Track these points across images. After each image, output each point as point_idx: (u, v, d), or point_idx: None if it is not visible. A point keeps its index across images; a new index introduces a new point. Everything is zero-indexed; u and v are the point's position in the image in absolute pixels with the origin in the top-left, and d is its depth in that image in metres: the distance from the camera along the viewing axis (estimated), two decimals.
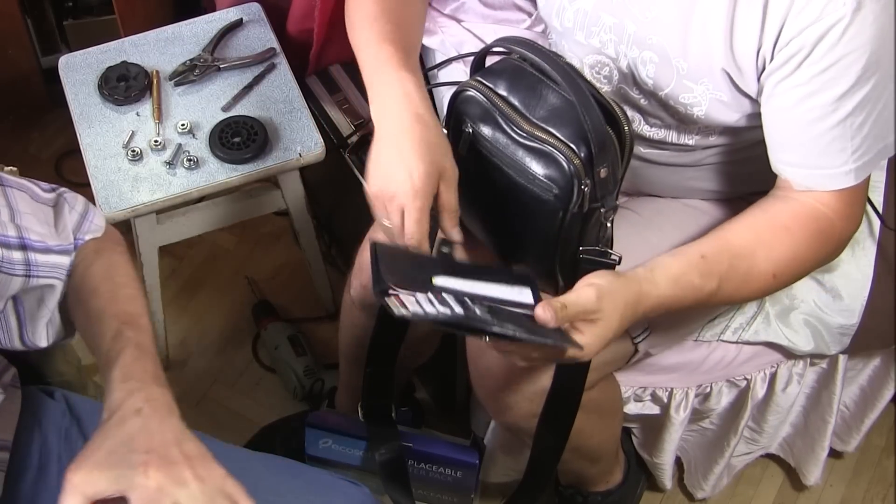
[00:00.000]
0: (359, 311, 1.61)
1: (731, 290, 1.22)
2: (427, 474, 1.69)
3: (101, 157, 1.72)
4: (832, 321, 1.58)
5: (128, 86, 1.78)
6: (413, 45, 1.34)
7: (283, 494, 1.32)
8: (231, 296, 2.19)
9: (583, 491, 1.80)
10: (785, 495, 1.99)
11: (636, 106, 1.35)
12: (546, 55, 1.19)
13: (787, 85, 1.18)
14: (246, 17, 1.89)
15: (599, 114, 1.16)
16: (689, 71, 1.25)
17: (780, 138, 1.23)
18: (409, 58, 1.28)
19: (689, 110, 1.28)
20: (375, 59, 1.29)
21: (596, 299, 1.12)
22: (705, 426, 1.77)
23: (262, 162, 1.72)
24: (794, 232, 1.23)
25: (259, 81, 1.81)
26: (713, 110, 1.27)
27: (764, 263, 1.22)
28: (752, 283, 1.24)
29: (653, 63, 1.27)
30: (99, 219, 1.26)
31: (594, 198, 1.19)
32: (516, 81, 1.23)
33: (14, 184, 1.20)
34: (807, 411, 1.81)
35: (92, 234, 1.23)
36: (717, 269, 1.20)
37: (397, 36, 1.30)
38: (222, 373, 2.09)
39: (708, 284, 1.20)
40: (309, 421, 1.70)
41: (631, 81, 1.32)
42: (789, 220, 1.23)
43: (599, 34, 1.31)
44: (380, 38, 1.29)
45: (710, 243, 1.22)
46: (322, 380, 2.00)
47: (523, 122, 1.20)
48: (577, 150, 1.17)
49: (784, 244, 1.23)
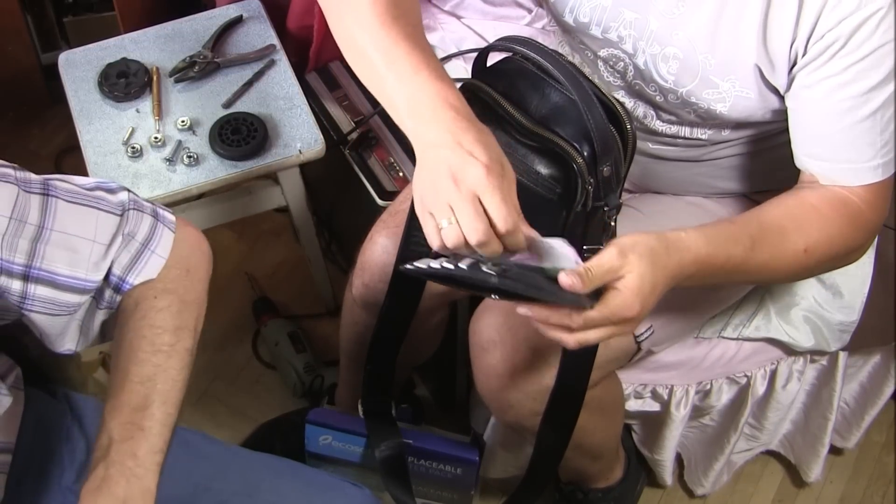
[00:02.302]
0: (360, 309, 1.61)
1: (765, 255, 1.19)
2: (427, 471, 1.69)
3: (101, 154, 1.72)
4: (832, 318, 1.58)
5: (128, 82, 1.78)
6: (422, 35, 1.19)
7: (284, 495, 1.32)
8: (231, 292, 2.19)
9: (583, 487, 1.80)
10: (785, 492, 1.99)
11: (651, 102, 1.35)
12: (548, 54, 1.19)
13: (818, 76, 1.17)
14: (246, 14, 1.89)
15: (602, 112, 1.16)
16: (715, 66, 1.23)
17: (807, 131, 1.22)
18: (427, 55, 1.13)
19: (712, 106, 1.27)
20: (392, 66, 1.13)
21: (618, 255, 1.08)
22: (706, 423, 1.77)
23: (262, 159, 1.72)
24: (824, 211, 1.21)
25: (259, 78, 1.81)
26: (737, 106, 1.26)
27: (795, 235, 1.20)
28: (787, 254, 1.20)
29: (676, 59, 1.26)
30: (162, 249, 1.15)
31: (598, 196, 1.19)
32: (518, 81, 1.22)
33: (64, 194, 1.10)
34: (807, 408, 1.81)
35: (144, 276, 1.14)
36: (748, 230, 1.18)
37: (407, 29, 1.15)
38: (222, 369, 2.09)
39: (740, 244, 1.16)
40: (309, 418, 1.70)
41: (648, 78, 1.31)
42: (818, 201, 1.21)
43: (618, 29, 1.30)
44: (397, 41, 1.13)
45: (739, 217, 1.21)
46: (322, 376, 2.00)
47: (526, 122, 1.20)
48: (581, 149, 1.16)
49: (813, 221, 1.21)
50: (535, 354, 1.37)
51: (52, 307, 1.11)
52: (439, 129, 1.07)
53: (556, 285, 1.05)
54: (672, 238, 1.13)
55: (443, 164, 1.06)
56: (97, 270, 1.11)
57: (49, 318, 1.12)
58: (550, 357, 1.36)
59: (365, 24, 1.14)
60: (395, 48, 1.12)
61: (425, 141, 1.08)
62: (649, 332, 1.42)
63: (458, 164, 1.05)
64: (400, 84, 1.11)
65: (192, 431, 1.39)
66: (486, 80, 1.24)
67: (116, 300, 1.15)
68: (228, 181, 1.72)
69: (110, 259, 1.12)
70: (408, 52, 1.11)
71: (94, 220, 1.11)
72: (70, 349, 1.17)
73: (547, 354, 1.36)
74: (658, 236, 1.12)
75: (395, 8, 1.15)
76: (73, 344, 1.17)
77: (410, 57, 1.11)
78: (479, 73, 1.26)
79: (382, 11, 1.14)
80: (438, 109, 1.08)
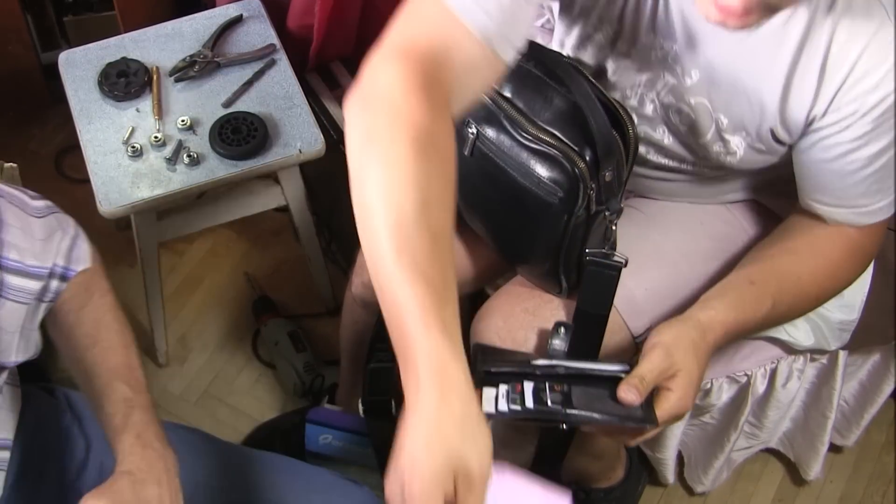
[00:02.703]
0: (360, 308, 1.60)
1: (783, 309, 1.24)
2: None
3: (102, 154, 1.72)
4: (832, 317, 1.58)
5: (128, 82, 1.78)
6: (448, 277, 0.96)
7: (284, 493, 1.32)
8: (231, 292, 2.19)
9: (585, 487, 1.80)
10: (785, 490, 1.99)
11: (657, 145, 1.33)
12: (550, 57, 1.19)
13: (829, 142, 1.17)
14: (246, 13, 1.89)
15: (604, 116, 1.16)
16: (728, 125, 1.23)
17: (814, 182, 1.23)
18: (442, 304, 0.93)
19: (721, 158, 1.27)
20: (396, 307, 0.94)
21: (665, 356, 1.13)
22: (706, 421, 1.77)
23: (262, 158, 1.72)
24: (834, 257, 1.25)
25: (259, 77, 1.81)
26: (748, 157, 1.26)
27: (809, 286, 1.25)
28: (801, 305, 1.27)
29: (688, 115, 1.25)
30: (87, 245, 1.26)
31: (599, 201, 1.19)
32: (521, 83, 1.22)
33: (5, 194, 1.19)
34: (807, 406, 1.81)
35: (82, 264, 1.24)
36: (768, 290, 1.21)
37: (433, 263, 0.94)
38: (222, 369, 2.09)
39: (763, 305, 1.21)
40: (309, 417, 1.70)
41: (658, 122, 1.30)
42: (826, 244, 1.25)
43: (624, 90, 1.28)
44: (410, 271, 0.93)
45: (755, 268, 1.24)
46: (322, 376, 2.00)
47: (528, 125, 1.19)
48: (583, 154, 1.16)
49: (825, 269, 1.25)
50: None
51: (26, 296, 1.17)
52: (407, 397, 0.93)
53: (615, 403, 1.11)
54: (705, 321, 1.17)
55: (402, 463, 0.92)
56: (49, 257, 1.20)
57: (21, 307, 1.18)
58: None
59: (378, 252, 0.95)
60: (402, 289, 0.93)
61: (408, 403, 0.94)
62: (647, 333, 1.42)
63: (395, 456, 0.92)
64: (399, 333, 0.94)
65: (191, 429, 1.39)
66: None
67: (62, 289, 1.22)
68: (228, 181, 1.72)
69: (54, 247, 1.21)
70: (413, 295, 0.92)
71: (29, 212, 1.21)
72: (18, 360, 1.20)
73: None
74: (694, 324, 1.16)
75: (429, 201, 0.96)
76: (19, 354, 1.21)
77: (414, 303, 0.92)
78: None
79: (397, 237, 0.94)
80: (426, 381, 0.91)
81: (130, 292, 2.16)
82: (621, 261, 1.24)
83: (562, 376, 1.14)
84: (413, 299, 0.91)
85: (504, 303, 1.41)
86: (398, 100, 0.99)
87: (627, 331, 1.39)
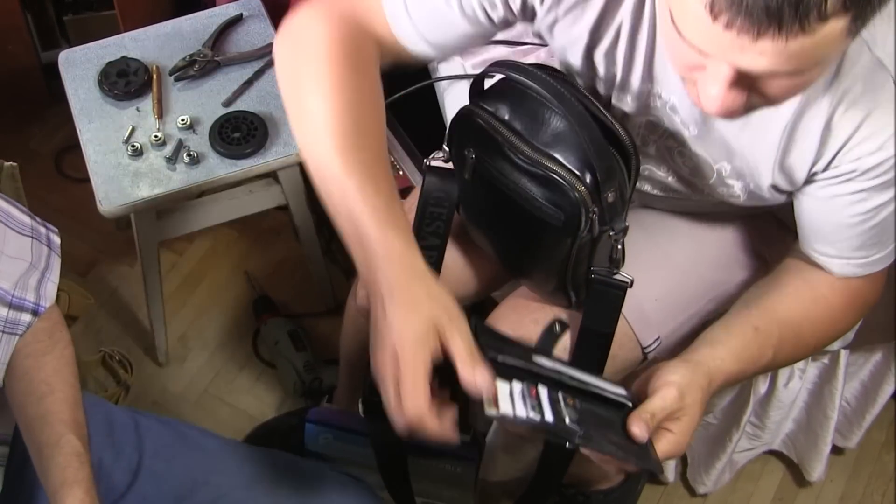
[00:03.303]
0: (364, 319, 1.59)
1: (781, 359, 1.25)
2: (426, 469, 1.69)
3: (102, 153, 1.72)
4: None
5: (128, 81, 1.78)
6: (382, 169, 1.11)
7: (282, 489, 1.32)
8: (231, 291, 2.19)
9: (584, 490, 1.79)
10: (785, 490, 1.99)
11: (661, 183, 1.32)
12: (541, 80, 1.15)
13: (829, 192, 1.16)
14: (246, 13, 1.89)
15: (601, 138, 1.13)
16: (731, 172, 1.22)
17: (814, 232, 1.23)
18: (389, 206, 1.08)
19: (727, 199, 1.27)
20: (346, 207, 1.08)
21: (678, 397, 1.12)
22: (709, 420, 1.77)
23: (262, 157, 1.72)
24: (834, 305, 1.25)
25: (259, 76, 1.81)
26: (750, 200, 1.25)
27: (809, 336, 1.25)
28: (799, 352, 1.28)
29: (690, 160, 1.24)
30: (54, 283, 1.26)
31: (603, 221, 1.17)
32: (519, 105, 1.19)
33: (1, 215, 1.19)
34: (809, 407, 1.81)
35: (49, 301, 1.24)
36: (770, 341, 1.22)
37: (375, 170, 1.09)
38: (222, 368, 2.09)
39: (765, 356, 1.21)
40: (309, 416, 1.70)
41: (661, 163, 1.28)
42: (828, 291, 1.25)
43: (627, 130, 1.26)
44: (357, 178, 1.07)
45: (759, 314, 1.23)
46: (320, 378, 2.00)
47: (527, 149, 1.17)
48: (582, 177, 1.14)
49: (825, 316, 1.26)
50: None
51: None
52: (371, 289, 1.06)
53: (622, 433, 1.10)
54: (713, 369, 1.17)
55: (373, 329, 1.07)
56: (25, 289, 1.20)
57: None
58: None
59: (321, 145, 1.10)
60: (348, 181, 1.07)
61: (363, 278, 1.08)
62: (657, 343, 1.41)
63: (377, 341, 1.06)
64: (348, 222, 1.07)
65: (190, 426, 1.39)
66: (484, 104, 1.21)
67: (33, 323, 1.23)
68: (229, 180, 1.72)
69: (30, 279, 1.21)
70: (364, 197, 1.06)
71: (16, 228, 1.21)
72: None
73: None
74: (705, 371, 1.16)
75: (355, 132, 1.10)
76: None
77: (368, 202, 1.06)
78: (477, 97, 1.23)
79: (340, 134, 1.09)
80: (371, 262, 1.05)
81: (130, 291, 2.16)
82: (626, 281, 1.22)
83: (571, 388, 1.12)
84: (364, 202, 1.06)
85: (511, 313, 1.40)
86: (324, 55, 1.12)
87: (637, 342, 1.38)
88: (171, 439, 1.34)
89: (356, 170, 1.07)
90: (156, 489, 1.30)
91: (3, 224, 1.19)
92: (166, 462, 1.31)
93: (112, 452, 1.30)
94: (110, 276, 2.19)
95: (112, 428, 1.32)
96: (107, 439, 1.30)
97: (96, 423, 1.29)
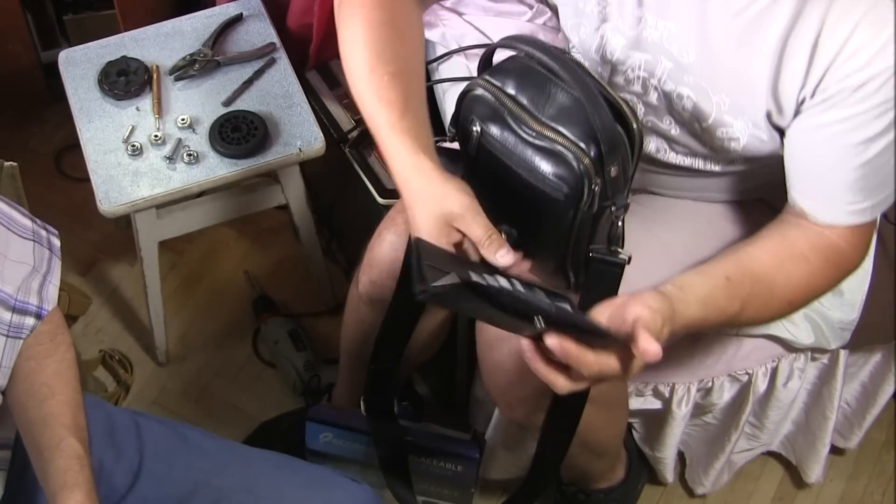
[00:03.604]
0: (366, 307, 1.60)
1: (751, 313, 1.24)
2: (427, 468, 1.69)
3: (101, 152, 1.72)
4: (832, 316, 1.58)
5: (128, 81, 1.78)
6: (410, 92, 1.26)
7: (283, 490, 1.32)
8: (231, 291, 2.19)
9: (585, 489, 1.80)
10: (784, 490, 1.99)
11: (665, 136, 1.34)
12: (552, 53, 1.18)
13: (817, 122, 1.18)
14: (246, 12, 1.89)
15: (608, 112, 1.15)
16: (730, 106, 1.24)
17: (801, 172, 1.24)
18: (402, 117, 1.22)
19: (727, 144, 1.28)
20: (372, 122, 1.24)
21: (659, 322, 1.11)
22: (707, 420, 1.77)
23: (262, 157, 1.72)
24: (812, 261, 1.24)
25: (259, 76, 1.81)
26: (751, 145, 1.27)
27: (782, 291, 1.24)
28: (771, 308, 1.26)
29: (690, 99, 1.27)
30: (55, 285, 1.25)
31: (605, 196, 1.18)
32: (525, 80, 1.21)
33: (3, 218, 1.19)
34: (808, 407, 1.81)
35: (52, 304, 1.24)
36: (740, 292, 1.21)
37: (393, 91, 1.24)
38: (222, 367, 2.09)
39: (732, 307, 1.20)
40: (309, 415, 1.70)
41: (663, 111, 1.31)
42: (807, 249, 1.24)
43: (626, 73, 1.30)
44: (377, 96, 1.24)
45: (733, 265, 1.23)
46: (318, 376, 2.00)
47: (532, 122, 1.19)
48: (587, 150, 1.16)
49: (801, 272, 1.24)
50: None
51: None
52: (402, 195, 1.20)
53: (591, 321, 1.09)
54: (677, 310, 1.14)
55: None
56: (29, 292, 1.20)
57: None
58: None
59: (357, 67, 1.26)
60: (373, 100, 1.23)
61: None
62: None
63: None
64: (377, 139, 1.23)
65: (190, 427, 1.39)
66: (492, 78, 1.23)
67: (37, 326, 1.22)
68: (228, 179, 1.72)
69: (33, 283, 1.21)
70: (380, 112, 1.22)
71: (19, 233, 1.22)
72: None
73: None
74: (668, 304, 1.14)
75: (385, 51, 1.25)
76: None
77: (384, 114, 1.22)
78: (484, 72, 1.26)
79: (372, 55, 1.25)
80: (391, 169, 1.21)
81: (130, 291, 2.16)
82: (625, 258, 1.23)
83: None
84: (381, 115, 1.21)
85: None
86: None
87: None
88: (171, 441, 1.34)
89: (374, 88, 1.23)
90: (156, 491, 1.30)
91: (6, 228, 1.19)
92: (167, 464, 1.31)
93: (113, 454, 1.30)
94: (110, 275, 2.19)
95: (113, 429, 1.32)
96: (108, 441, 1.30)
97: (97, 424, 1.29)
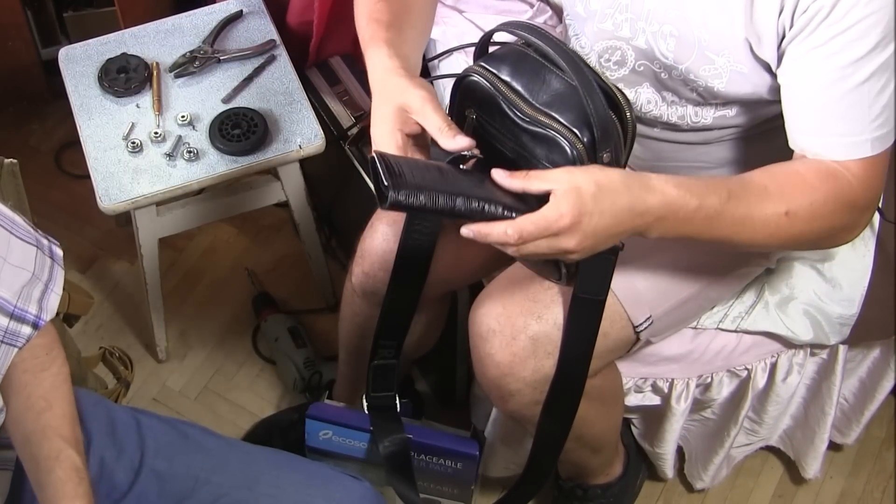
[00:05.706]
0: (360, 299, 1.61)
1: (743, 210, 1.18)
2: (427, 466, 1.69)
3: (102, 149, 1.72)
4: (831, 311, 1.58)
5: (128, 77, 1.78)
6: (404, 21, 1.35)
7: (284, 488, 1.32)
8: (231, 288, 2.19)
9: (583, 484, 1.80)
10: (784, 487, 1.99)
11: (657, 80, 1.35)
12: (550, 40, 1.19)
13: (804, 48, 1.18)
14: (246, 9, 1.89)
15: (602, 99, 1.16)
16: (709, 42, 1.25)
17: (797, 106, 1.23)
18: (387, 30, 1.32)
19: (710, 83, 1.28)
20: (362, 38, 1.34)
21: (565, 170, 1.12)
22: (707, 416, 1.77)
23: (262, 154, 1.72)
24: (809, 179, 1.20)
25: (259, 73, 1.81)
26: (733, 83, 1.27)
27: (776, 197, 1.19)
28: (766, 212, 1.19)
29: (672, 37, 1.28)
30: (57, 294, 1.25)
31: None
32: (519, 66, 1.22)
33: (5, 221, 1.18)
34: (807, 403, 1.81)
35: (51, 314, 1.23)
36: (727, 184, 1.18)
37: (384, 14, 1.33)
38: (222, 365, 2.09)
39: (716, 195, 1.16)
40: (309, 412, 1.70)
41: (650, 56, 1.32)
42: (805, 169, 1.21)
43: (613, 16, 1.32)
44: (368, 17, 1.34)
45: (723, 176, 1.23)
46: (320, 372, 2.00)
47: (526, 107, 1.20)
48: (580, 135, 1.16)
49: (798, 187, 1.20)
50: (535, 343, 1.37)
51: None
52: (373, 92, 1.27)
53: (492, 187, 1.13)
54: (636, 174, 1.14)
55: None
56: (29, 301, 1.19)
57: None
58: (550, 345, 1.36)
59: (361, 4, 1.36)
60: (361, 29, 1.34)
61: None
62: (648, 323, 1.42)
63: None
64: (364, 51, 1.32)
65: (191, 424, 1.39)
66: (487, 64, 1.24)
67: (33, 336, 1.21)
68: (228, 176, 1.72)
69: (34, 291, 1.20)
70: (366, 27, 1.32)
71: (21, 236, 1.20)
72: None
73: (546, 343, 1.36)
74: (623, 172, 1.13)
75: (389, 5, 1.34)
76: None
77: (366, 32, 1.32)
78: (480, 59, 1.26)
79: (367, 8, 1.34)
80: (371, 79, 1.28)
81: (130, 288, 2.16)
82: (618, 245, 1.24)
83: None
84: (366, 30, 1.31)
85: (503, 289, 1.41)
86: None
87: (628, 320, 1.40)
88: (172, 439, 1.34)
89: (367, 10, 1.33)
90: (157, 488, 1.30)
91: (7, 231, 1.18)
92: (168, 461, 1.31)
93: (114, 452, 1.30)
94: (110, 272, 2.19)
95: (114, 427, 1.32)
96: (109, 439, 1.30)
97: (98, 422, 1.29)
